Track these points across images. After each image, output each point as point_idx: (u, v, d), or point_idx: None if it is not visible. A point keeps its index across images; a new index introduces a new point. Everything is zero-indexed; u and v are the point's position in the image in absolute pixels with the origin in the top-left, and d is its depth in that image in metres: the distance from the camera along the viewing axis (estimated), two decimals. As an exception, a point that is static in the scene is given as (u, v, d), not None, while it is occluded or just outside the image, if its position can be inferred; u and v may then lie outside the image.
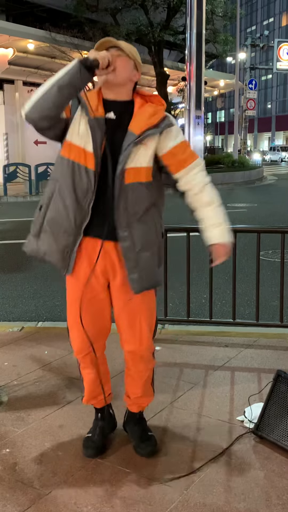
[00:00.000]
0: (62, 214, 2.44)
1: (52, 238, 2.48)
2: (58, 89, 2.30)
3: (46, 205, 2.50)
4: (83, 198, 2.41)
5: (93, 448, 2.72)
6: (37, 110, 2.34)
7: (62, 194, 2.44)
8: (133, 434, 2.80)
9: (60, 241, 2.46)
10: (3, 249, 8.82)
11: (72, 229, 2.44)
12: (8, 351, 4.10)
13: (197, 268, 6.13)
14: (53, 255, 2.49)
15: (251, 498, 2.39)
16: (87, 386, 2.74)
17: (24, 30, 21.38)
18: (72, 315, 2.61)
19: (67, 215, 2.43)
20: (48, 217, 2.48)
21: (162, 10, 25.28)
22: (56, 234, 2.46)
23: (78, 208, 2.42)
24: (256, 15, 78.36)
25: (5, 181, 18.08)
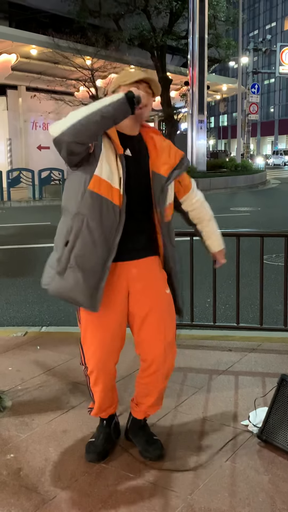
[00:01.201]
0: (90, 250, 2.40)
1: (81, 274, 2.40)
2: (101, 118, 2.27)
3: (73, 241, 2.41)
4: (110, 233, 2.41)
5: (95, 452, 2.72)
6: (74, 134, 2.27)
7: (91, 229, 2.39)
8: (139, 439, 2.79)
9: (88, 278, 2.40)
10: (7, 254, 8.84)
11: (100, 266, 2.41)
12: (12, 356, 4.10)
13: (200, 272, 6.12)
14: (80, 292, 2.41)
15: (255, 503, 2.38)
16: (98, 402, 2.71)
17: (27, 36, 21.47)
18: (89, 334, 2.57)
19: (96, 250, 2.40)
20: (75, 253, 2.40)
21: (165, 15, 25.37)
22: (85, 270, 2.40)
23: (105, 243, 2.41)
24: (258, 19, 78.51)
25: (8, 186, 18.12)
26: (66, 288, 2.43)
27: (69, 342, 4.32)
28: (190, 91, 23.54)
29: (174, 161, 2.57)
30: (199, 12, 22.46)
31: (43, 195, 18.50)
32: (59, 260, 2.45)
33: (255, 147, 64.26)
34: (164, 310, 2.62)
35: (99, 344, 2.55)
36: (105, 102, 2.31)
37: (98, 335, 2.55)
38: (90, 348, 2.58)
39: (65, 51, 21.73)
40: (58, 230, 2.54)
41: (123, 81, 2.50)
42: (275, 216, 13.39)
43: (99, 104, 2.30)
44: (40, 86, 24.12)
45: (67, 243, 2.42)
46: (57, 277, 2.45)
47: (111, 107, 2.28)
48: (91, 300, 2.41)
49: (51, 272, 2.49)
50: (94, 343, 2.56)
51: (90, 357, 2.59)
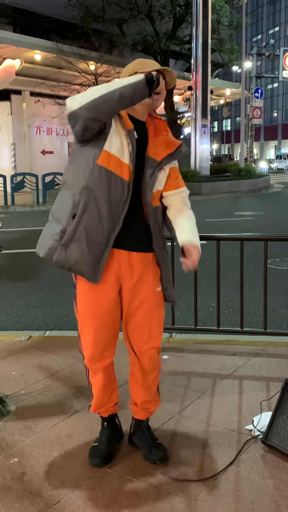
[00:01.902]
0: (96, 223, 2.45)
1: (86, 247, 2.45)
2: (120, 97, 2.32)
3: (80, 214, 2.44)
4: (116, 208, 2.46)
5: (99, 457, 2.72)
6: (92, 110, 2.31)
7: (98, 203, 2.44)
8: (143, 442, 2.79)
9: (92, 250, 2.46)
10: (11, 258, 8.85)
11: (104, 239, 2.46)
12: (15, 360, 4.10)
13: (204, 277, 6.12)
14: (85, 264, 2.46)
15: (260, 507, 2.37)
16: (96, 394, 2.74)
17: (31, 41, 21.55)
18: (87, 322, 2.62)
19: (102, 224, 2.45)
20: (82, 226, 2.45)
21: (168, 20, 25.44)
22: (90, 243, 2.45)
23: (111, 218, 2.46)
24: (261, 24, 78.68)
25: (12, 191, 18.16)
26: (71, 260, 2.48)
27: (73, 346, 4.31)
28: (193, 95, 23.58)
29: (170, 148, 2.59)
30: (202, 17, 22.51)
31: (47, 199, 18.53)
32: (64, 232, 2.48)
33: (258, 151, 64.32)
34: (151, 308, 2.65)
35: (96, 333, 2.61)
36: (125, 81, 2.35)
37: (93, 324, 2.60)
38: (87, 337, 2.64)
39: (69, 56, 21.80)
40: (60, 203, 2.56)
41: (140, 69, 2.53)
42: (279, 220, 13.38)
43: (119, 83, 2.34)
44: (44, 91, 24.21)
45: (75, 215, 2.46)
46: (60, 248, 2.49)
47: (130, 87, 2.33)
48: (94, 271, 2.48)
49: (53, 244, 2.51)
50: (90, 332, 2.62)
51: (87, 345, 2.65)
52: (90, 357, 2.65)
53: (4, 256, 8.93)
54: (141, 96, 2.38)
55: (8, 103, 25.00)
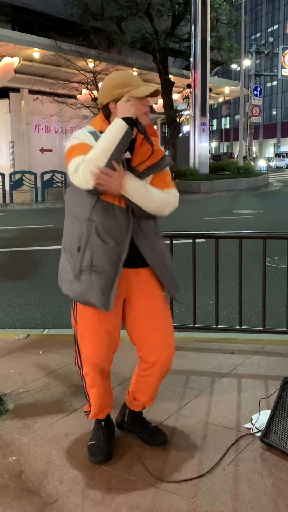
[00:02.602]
0: (103, 253, 2.48)
1: (94, 277, 2.49)
2: (117, 157, 2.38)
3: (84, 246, 2.50)
4: (120, 235, 2.49)
5: (101, 454, 2.73)
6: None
7: (100, 233, 2.47)
8: (141, 429, 2.88)
9: (100, 279, 2.49)
10: (9, 256, 8.84)
11: (113, 268, 2.49)
12: (14, 358, 4.09)
13: (203, 275, 6.12)
14: (94, 293, 2.49)
15: (258, 506, 2.37)
16: (95, 403, 2.76)
17: (30, 39, 21.50)
18: (88, 334, 2.63)
19: (108, 254, 2.48)
20: (87, 257, 2.50)
21: (167, 18, 25.38)
22: (97, 272, 2.49)
23: (116, 246, 2.48)
24: (260, 22, 78.62)
25: (11, 189, 18.15)
26: (82, 291, 2.52)
27: (72, 345, 4.29)
28: (192, 93, 23.56)
29: (154, 160, 2.56)
30: (201, 15, 22.48)
31: (45, 197, 18.52)
32: (75, 266, 2.53)
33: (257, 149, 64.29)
34: (164, 313, 2.72)
35: (97, 345, 2.63)
36: (115, 140, 2.36)
37: (95, 335, 2.62)
38: (87, 348, 2.65)
39: (68, 54, 21.76)
40: (68, 235, 2.60)
41: (127, 91, 2.46)
42: (278, 219, 13.38)
43: (110, 146, 2.36)
44: (43, 89, 24.14)
45: (79, 248, 2.51)
46: (75, 282, 2.54)
47: (123, 143, 2.38)
48: (104, 300, 2.50)
49: (69, 278, 2.57)
50: (92, 343, 2.63)
51: (87, 357, 2.66)
52: (91, 366, 2.66)
53: (3, 255, 8.92)
54: (130, 139, 2.43)
55: (7, 101, 24.93)
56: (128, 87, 2.46)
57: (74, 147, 2.47)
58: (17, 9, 26.59)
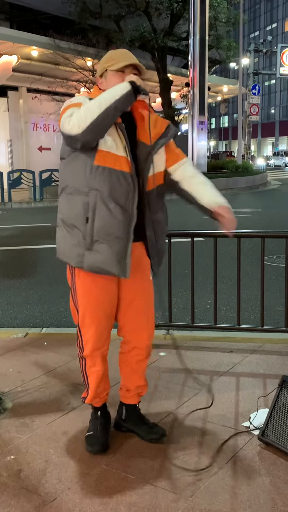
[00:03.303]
0: (110, 221, 2.49)
1: (107, 245, 2.51)
2: (115, 114, 2.41)
3: (92, 216, 2.50)
4: (126, 201, 2.50)
5: (98, 444, 2.77)
6: (93, 133, 2.40)
7: (106, 201, 2.48)
8: (139, 425, 2.90)
9: (114, 247, 2.51)
10: (8, 255, 8.84)
11: (123, 234, 2.51)
12: (12, 357, 4.09)
13: (201, 274, 6.12)
14: (109, 262, 2.52)
15: (257, 504, 2.37)
16: (94, 385, 2.79)
17: (28, 37, 21.49)
18: (89, 316, 2.68)
19: (116, 220, 2.49)
20: (97, 227, 2.50)
21: (165, 16, 25.37)
22: (109, 241, 2.51)
23: (124, 212, 2.50)
24: (259, 20, 78.56)
25: (9, 187, 18.13)
26: (97, 261, 2.54)
27: (70, 343, 4.31)
28: (190, 92, 23.55)
29: (159, 130, 2.63)
30: (199, 14, 22.46)
31: (44, 196, 18.51)
32: (84, 237, 2.54)
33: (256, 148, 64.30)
34: (148, 296, 2.78)
35: (98, 326, 2.69)
36: (115, 96, 2.40)
37: (96, 317, 2.67)
38: (89, 330, 2.69)
39: (66, 53, 21.75)
40: (68, 209, 2.59)
41: (109, 66, 2.58)
42: (276, 217, 13.38)
43: (110, 99, 2.39)
44: (41, 87, 24.13)
45: (87, 219, 2.52)
46: (87, 253, 2.55)
47: (121, 101, 2.40)
48: (120, 267, 2.54)
49: (79, 251, 2.56)
50: (94, 323, 2.68)
51: (89, 338, 2.70)
52: (92, 348, 2.71)
53: (1, 253, 8.92)
54: (129, 104, 2.49)
55: (5, 99, 24.91)
56: (111, 61, 2.58)
57: (71, 104, 2.53)
58: (16, 7, 26.59)
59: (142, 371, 2.88)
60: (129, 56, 2.60)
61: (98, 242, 2.51)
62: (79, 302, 2.69)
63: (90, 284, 2.63)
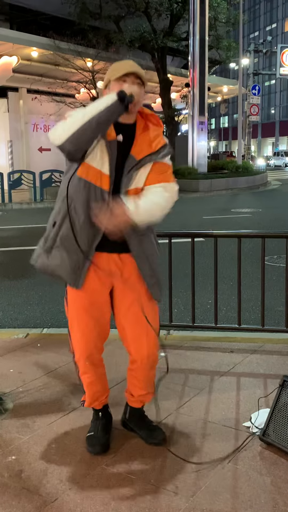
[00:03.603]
0: (76, 232, 2.51)
1: (66, 253, 2.54)
2: (97, 124, 2.38)
3: (60, 222, 2.55)
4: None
5: (99, 444, 2.78)
6: (75, 143, 2.40)
7: (77, 212, 2.51)
8: (140, 427, 2.90)
9: (72, 257, 2.53)
10: (8, 255, 8.84)
11: (85, 247, 2.52)
12: (13, 357, 4.09)
13: (202, 274, 6.12)
14: (64, 269, 2.56)
15: (258, 504, 2.37)
16: (88, 390, 2.81)
17: (28, 38, 21.49)
18: (76, 319, 2.69)
19: (81, 233, 2.51)
20: (62, 233, 2.54)
21: (165, 17, 25.37)
22: (69, 250, 2.53)
23: (91, 226, 2.50)
24: (259, 21, 78.56)
25: (9, 188, 18.13)
26: (51, 266, 2.59)
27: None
28: (190, 92, 23.55)
29: (153, 148, 2.57)
30: (199, 14, 22.46)
31: (44, 197, 18.51)
32: (46, 239, 2.61)
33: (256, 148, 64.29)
34: (145, 305, 2.69)
35: (84, 330, 2.68)
36: (100, 106, 2.39)
37: (83, 321, 2.67)
38: (76, 335, 2.71)
39: (66, 53, 21.75)
40: (53, 212, 2.66)
41: (112, 76, 2.57)
42: (277, 217, 13.38)
43: (94, 110, 2.38)
44: (41, 88, 24.12)
45: (55, 224, 2.57)
46: (43, 255, 2.61)
47: (105, 111, 2.38)
48: (74, 276, 2.56)
49: (38, 250, 2.65)
50: (80, 329, 2.69)
51: (77, 342, 2.72)
52: (80, 354, 2.72)
53: (2, 254, 8.92)
54: (118, 114, 2.45)
55: (5, 100, 24.90)
56: (113, 72, 2.58)
57: (64, 118, 2.54)
58: (15, 8, 26.60)
59: (146, 381, 2.84)
60: (130, 65, 2.58)
61: (58, 248, 2.55)
62: (68, 306, 2.72)
63: (82, 292, 2.62)
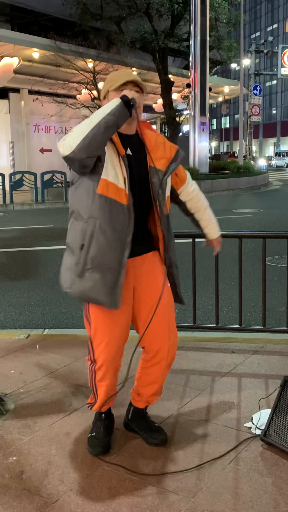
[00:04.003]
0: (105, 251, 2.51)
1: (99, 275, 2.52)
2: (105, 128, 2.38)
3: (88, 244, 2.52)
4: (122, 232, 2.52)
5: (100, 446, 2.77)
6: (84, 151, 2.39)
7: (103, 231, 2.51)
8: (142, 427, 2.90)
9: (106, 276, 2.52)
10: (10, 256, 8.85)
11: (116, 264, 2.53)
12: (14, 358, 4.10)
13: (203, 274, 6.12)
14: (99, 291, 2.53)
15: (259, 505, 2.37)
16: (102, 396, 2.78)
17: (29, 39, 21.51)
18: (101, 330, 2.66)
19: (110, 250, 2.52)
20: (91, 255, 2.52)
21: (166, 17, 25.38)
22: (102, 270, 2.52)
23: (119, 243, 2.52)
24: (260, 21, 78.58)
25: (11, 189, 18.15)
26: (86, 289, 2.56)
27: (72, 345, 4.32)
28: (192, 93, 23.54)
29: (170, 154, 2.67)
30: (200, 15, 22.46)
31: (45, 198, 18.53)
32: (77, 264, 2.56)
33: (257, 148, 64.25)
34: (167, 303, 2.76)
35: (110, 339, 2.66)
36: (105, 111, 2.40)
37: (109, 330, 2.65)
38: (101, 344, 2.68)
39: (67, 54, 21.76)
40: (71, 233, 2.64)
41: (110, 86, 2.58)
42: (278, 218, 13.38)
43: (100, 115, 2.39)
44: (42, 89, 24.15)
45: (83, 246, 2.54)
46: (77, 280, 2.57)
47: (111, 115, 2.39)
48: (111, 298, 2.54)
49: (71, 276, 2.60)
50: (105, 338, 2.66)
51: (101, 352, 2.68)
52: (103, 362, 2.69)
53: (3, 255, 8.93)
54: (124, 119, 2.45)
55: (6, 101, 24.94)
56: (111, 82, 2.59)
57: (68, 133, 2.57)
58: (16, 9, 26.62)
59: (160, 381, 2.85)
60: (128, 73, 2.60)
61: (90, 270, 2.53)
62: (90, 314, 2.67)
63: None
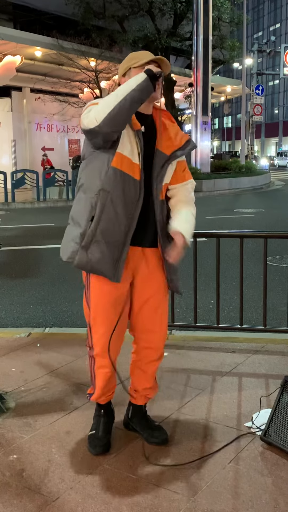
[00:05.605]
0: (114, 224, 2.53)
1: (106, 247, 2.53)
2: (131, 103, 2.39)
3: (98, 216, 2.53)
4: (131, 207, 2.54)
5: (100, 445, 2.77)
6: (110, 124, 2.40)
7: (114, 204, 2.52)
8: (142, 426, 2.90)
9: (112, 250, 2.54)
10: (11, 255, 8.85)
11: (122, 238, 2.55)
12: (15, 357, 4.10)
13: (204, 274, 6.12)
14: (105, 263, 2.54)
15: (259, 504, 2.37)
16: (101, 384, 2.78)
17: (32, 38, 21.53)
18: (101, 314, 2.67)
19: (119, 224, 2.53)
20: (101, 227, 2.53)
21: (169, 16, 25.40)
22: (109, 243, 2.54)
23: (127, 217, 2.54)
24: (263, 20, 78.50)
25: (13, 188, 18.16)
26: (92, 261, 2.56)
27: (73, 343, 4.32)
28: (194, 92, 23.54)
29: (178, 142, 2.67)
30: (203, 14, 22.46)
31: (47, 196, 18.53)
32: (83, 235, 2.56)
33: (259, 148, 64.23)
34: (162, 298, 2.78)
35: (109, 326, 2.67)
36: (131, 86, 2.39)
37: (109, 317, 2.66)
38: (100, 329, 2.69)
39: (70, 53, 21.77)
40: (78, 206, 2.64)
41: (133, 64, 2.58)
42: (279, 218, 13.37)
43: (126, 89, 2.39)
44: (45, 87, 24.17)
45: (93, 218, 2.54)
46: (81, 251, 2.57)
47: (138, 89, 2.38)
48: (114, 271, 2.56)
49: (74, 247, 2.59)
50: (105, 324, 2.67)
51: (100, 337, 2.69)
52: (102, 348, 2.69)
53: (4, 253, 8.93)
54: (149, 93, 2.45)
55: (9, 99, 24.97)
56: (134, 60, 2.60)
57: (91, 103, 2.57)
58: (19, 7, 26.65)
59: (151, 373, 2.86)
60: (150, 53, 2.63)
61: (98, 242, 2.54)
62: (91, 300, 2.69)
63: (104, 283, 2.62)
